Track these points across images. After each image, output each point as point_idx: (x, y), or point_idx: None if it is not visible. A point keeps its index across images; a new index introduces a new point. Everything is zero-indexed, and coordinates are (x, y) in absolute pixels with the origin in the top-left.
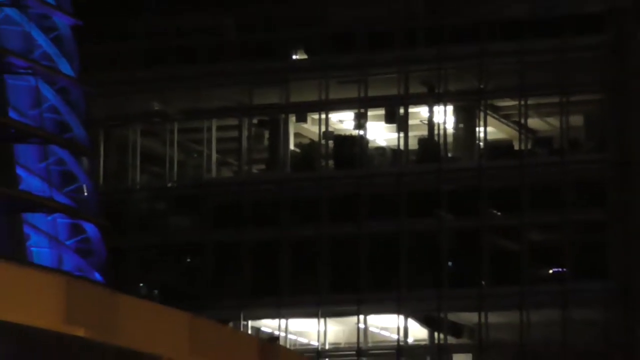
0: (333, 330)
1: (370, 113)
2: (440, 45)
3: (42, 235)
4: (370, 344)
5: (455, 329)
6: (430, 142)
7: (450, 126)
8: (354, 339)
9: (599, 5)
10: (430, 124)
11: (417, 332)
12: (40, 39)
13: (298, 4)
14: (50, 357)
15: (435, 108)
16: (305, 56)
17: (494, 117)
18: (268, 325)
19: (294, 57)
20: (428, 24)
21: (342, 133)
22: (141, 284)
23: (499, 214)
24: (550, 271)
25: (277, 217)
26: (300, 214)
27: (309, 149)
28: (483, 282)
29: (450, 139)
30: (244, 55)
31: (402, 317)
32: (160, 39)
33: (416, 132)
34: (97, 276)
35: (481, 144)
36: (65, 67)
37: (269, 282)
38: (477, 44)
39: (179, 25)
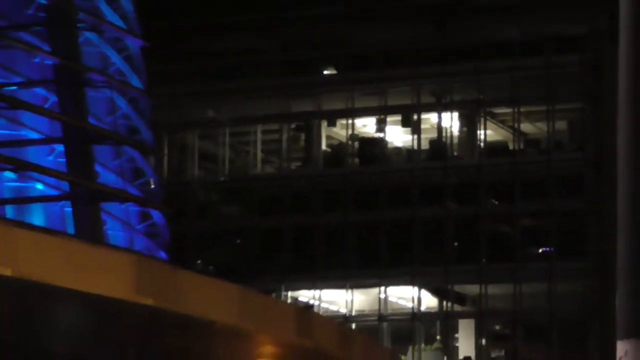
0: (358, 299)
1: (388, 119)
2: (446, 63)
3: (116, 221)
4: (389, 311)
5: (460, 299)
6: (439, 143)
7: (455, 130)
8: (376, 307)
9: (579, 29)
10: (439, 128)
11: (429, 301)
12: (114, 58)
13: (327, 29)
14: (123, 323)
15: (443, 115)
16: (334, 72)
17: (491, 122)
18: (304, 295)
19: (325, 72)
20: (435, 45)
21: (365, 136)
22: (198, 261)
23: (495, 202)
24: (539, 250)
25: (311, 206)
26: (330, 204)
27: (338, 149)
28: (483, 260)
29: (455, 141)
30: (283, 71)
31: (415, 288)
32: (214, 58)
33: (427, 135)
34: (162, 255)
35: (481, 144)
36: (135, 81)
37: (305, 259)
38: (476, 62)
39: (230, 46)
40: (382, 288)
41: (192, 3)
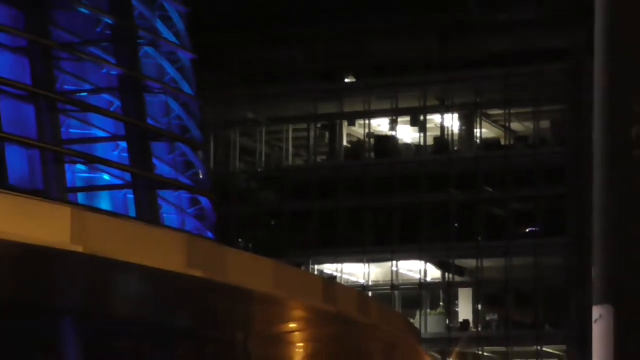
0: (374, 271)
1: (399, 119)
2: (448, 71)
3: (171, 206)
4: (400, 281)
5: (460, 271)
6: (442, 139)
7: (455, 128)
8: (389, 278)
9: (561, 43)
10: (442, 127)
11: (433, 273)
12: (169, 68)
13: (349, 43)
14: (176, 292)
15: (445, 116)
16: (354, 79)
17: (486, 122)
18: (328, 268)
19: (346, 80)
20: (439, 57)
21: (380, 133)
22: (239, 240)
23: (490, 190)
24: (527, 229)
25: (334, 192)
26: (351, 190)
27: (357, 144)
28: (479, 238)
29: (455, 138)
30: (311, 79)
31: (422, 262)
32: (253, 67)
33: (432, 133)
34: (209, 234)
35: (478, 141)
36: (186, 88)
37: (329, 238)
38: (474, 71)
39: (266, 57)
40: (394, 262)
41: (234, 19)
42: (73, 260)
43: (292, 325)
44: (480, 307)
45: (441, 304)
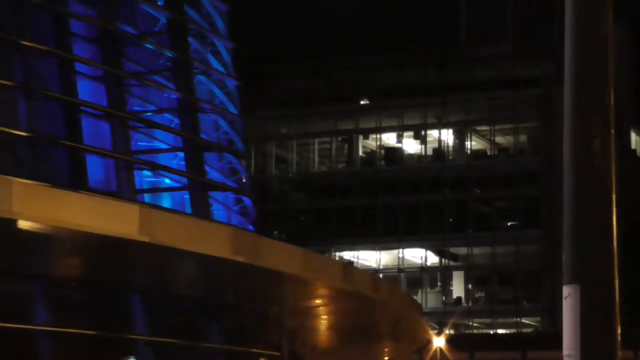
0: (384, 257)
1: (405, 134)
2: (444, 95)
3: (219, 204)
4: (405, 266)
5: (454, 257)
6: (439, 150)
7: (450, 141)
8: (396, 263)
9: (535, 72)
10: (439, 140)
11: (432, 259)
12: (218, 93)
13: (363, 72)
14: (223, 274)
15: (442, 131)
16: (367, 102)
17: (475, 136)
18: (347, 255)
19: (361, 102)
20: (437, 83)
21: (389, 145)
22: (275, 232)
23: (478, 191)
24: (509, 223)
25: (351, 193)
26: (365, 191)
27: (370, 154)
28: (470, 230)
29: (450, 149)
30: (332, 101)
31: (423, 250)
32: (285, 92)
33: (431, 145)
34: (250, 227)
35: (468, 151)
36: (232, 109)
37: (347, 230)
38: (465, 94)
39: (296, 83)
40: (400, 250)
41: (270, 54)
42: (140, 248)
43: (317, 301)
44: (470, 286)
45: (438, 284)
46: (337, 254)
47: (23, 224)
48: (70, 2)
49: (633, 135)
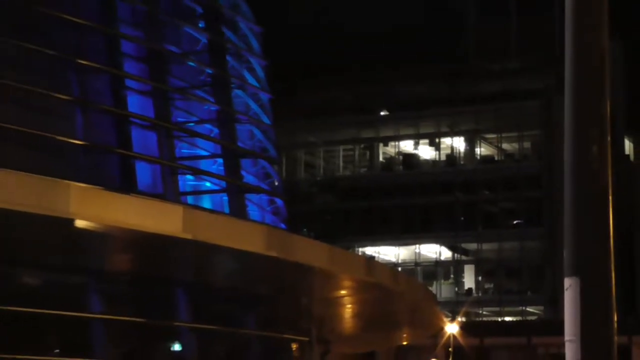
0: (402, 253)
1: (421, 141)
2: (456, 106)
3: (254, 205)
4: (421, 260)
5: (465, 252)
6: (452, 156)
7: (461, 148)
8: (413, 257)
9: (538, 84)
10: (452, 147)
11: (446, 254)
12: (252, 105)
13: (383, 85)
14: (258, 268)
15: (454, 139)
16: (386, 112)
17: (484, 143)
18: (369, 250)
19: (381, 113)
20: (449, 95)
21: (406, 152)
22: (304, 229)
23: (486, 192)
24: (514, 222)
25: (373, 195)
26: (385, 193)
27: (390, 160)
28: (479, 228)
29: (461, 155)
30: (355, 112)
31: (437, 245)
32: (313, 104)
33: (444, 151)
34: (282, 226)
35: (478, 157)
36: (265, 119)
37: (369, 228)
38: (474, 105)
39: (323, 96)
40: (417, 245)
41: (299, 71)
42: (184, 245)
43: (342, 292)
44: (480, 278)
45: (451, 276)
46: (360, 249)
47: (79, 224)
48: (121, 25)
49: (627, 142)
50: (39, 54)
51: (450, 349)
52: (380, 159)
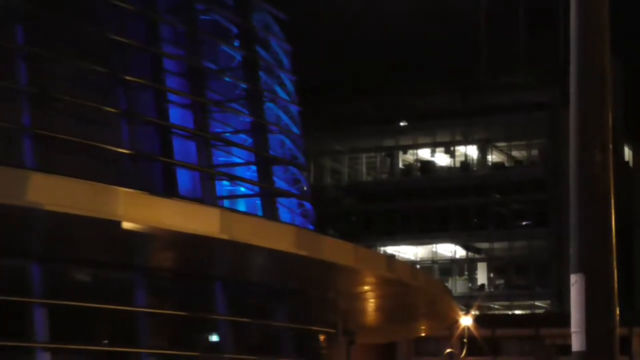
0: (420, 251)
1: (437, 150)
2: (469, 117)
3: (285, 208)
4: (438, 258)
5: (478, 250)
6: (465, 163)
7: (474, 155)
8: (430, 256)
9: (545, 97)
10: (465, 154)
11: (460, 252)
12: (283, 117)
13: (402, 98)
14: (289, 265)
15: (468, 147)
16: (406, 123)
17: (495, 151)
18: (390, 249)
19: (400, 123)
20: (463, 107)
21: (424, 159)
22: (331, 230)
23: (497, 196)
24: (523, 223)
25: (393, 198)
26: (404, 197)
27: (408, 166)
28: (491, 228)
29: (474, 161)
30: (377, 122)
31: (452, 245)
32: (338, 115)
33: (459, 158)
34: (311, 227)
35: (489, 163)
36: (295, 130)
37: (390, 228)
38: (486, 116)
39: (348, 108)
40: (434, 245)
41: (326, 84)
42: (221, 244)
43: (366, 287)
44: (491, 275)
45: (465, 273)
46: (382, 248)
47: (126, 225)
48: (164, 44)
49: (626, 149)
50: (91, 71)
51: (464, 340)
52: (400, 165)
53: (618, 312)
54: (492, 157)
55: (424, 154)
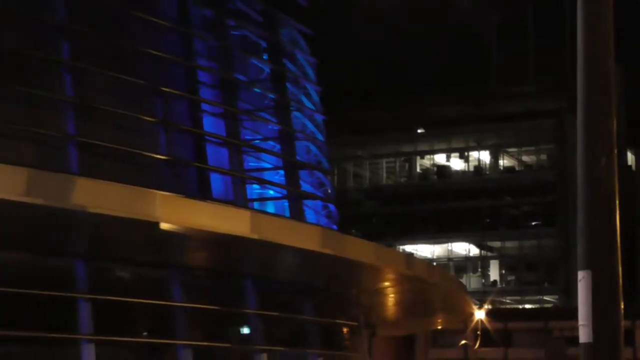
0: (437, 249)
1: (452, 155)
2: (482, 124)
3: (311, 210)
4: (453, 256)
5: (490, 249)
6: (479, 167)
7: (487, 160)
8: (446, 254)
9: (552, 105)
10: (479, 159)
11: (474, 250)
12: (309, 125)
13: (418, 107)
14: (315, 264)
15: (481, 152)
16: (423, 130)
17: (506, 156)
18: (408, 248)
19: (418, 130)
20: (476, 115)
21: (440, 164)
22: (353, 230)
23: (509, 198)
24: (532, 223)
25: (411, 201)
26: (422, 199)
27: (426, 171)
28: (503, 228)
29: (487, 166)
30: (397, 130)
31: (467, 243)
32: (361, 123)
33: (472, 163)
34: (335, 227)
35: (501, 168)
36: (320, 137)
37: (409, 229)
38: (497, 124)
39: (368, 116)
40: (449, 243)
41: (348, 94)
42: (251, 244)
43: (386, 283)
44: (503, 271)
45: (479, 270)
46: (401, 247)
47: (163, 226)
48: (198, 58)
49: (629, 154)
50: (131, 84)
51: (478, 332)
52: (418, 170)
53: (622, 306)
54: (504, 162)
55: (440, 159)
